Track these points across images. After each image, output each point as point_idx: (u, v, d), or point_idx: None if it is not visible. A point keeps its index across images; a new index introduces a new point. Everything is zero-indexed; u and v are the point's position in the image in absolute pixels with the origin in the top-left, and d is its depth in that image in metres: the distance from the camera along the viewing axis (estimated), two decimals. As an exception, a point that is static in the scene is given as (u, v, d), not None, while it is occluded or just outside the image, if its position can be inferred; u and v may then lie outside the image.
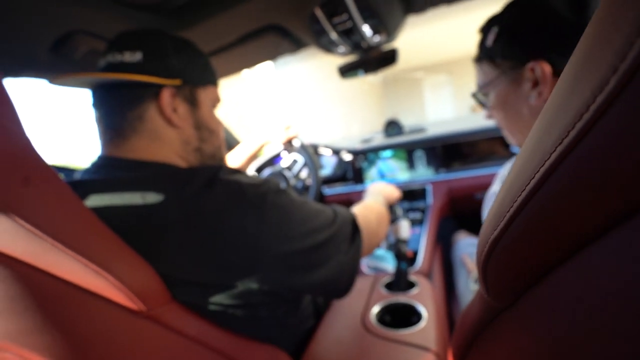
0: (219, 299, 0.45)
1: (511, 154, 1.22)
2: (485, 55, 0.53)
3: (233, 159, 1.03)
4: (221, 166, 0.48)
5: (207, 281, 0.43)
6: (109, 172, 0.46)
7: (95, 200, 0.42)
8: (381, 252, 0.99)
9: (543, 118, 0.17)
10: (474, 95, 0.60)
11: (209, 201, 0.42)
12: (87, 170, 0.48)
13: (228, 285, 0.44)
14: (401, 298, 0.77)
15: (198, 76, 0.54)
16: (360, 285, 0.87)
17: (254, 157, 1.07)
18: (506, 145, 1.24)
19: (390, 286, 0.84)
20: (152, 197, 0.42)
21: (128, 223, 0.41)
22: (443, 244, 1.18)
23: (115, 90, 0.48)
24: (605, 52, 0.12)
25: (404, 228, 0.86)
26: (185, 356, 0.40)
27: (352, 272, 0.53)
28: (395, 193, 0.95)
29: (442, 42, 5.50)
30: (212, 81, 0.57)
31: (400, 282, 0.81)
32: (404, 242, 0.85)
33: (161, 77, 0.49)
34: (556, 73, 0.45)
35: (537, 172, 0.16)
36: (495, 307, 0.25)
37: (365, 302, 0.77)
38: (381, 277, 0.90)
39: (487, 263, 0.21)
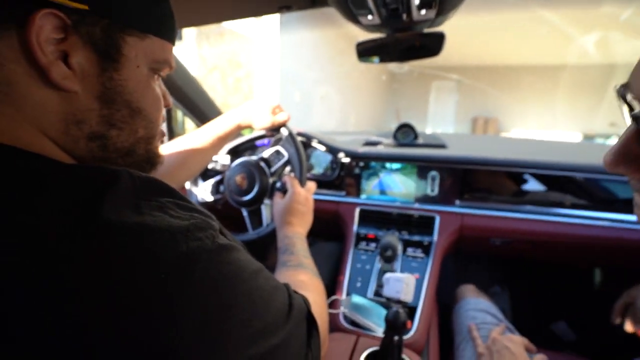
0: None
1: (522, 193, 0.99)
2: None
3: (195, 139, 0.78)
4: (146, 177, 0.29)
5: None
6: None
7: None
8: (364, 301, 0.75)
9: None
10: None
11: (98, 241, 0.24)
12: None
13: None
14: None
15: (133, 12, 0.31)
16: (335, 349, 0.63)
17: (224, 139, 0.82)
18: (519, 184, 1.00)
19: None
20: None
21: None
22: (439, 292, 0.95)
23: None
24: None
25: (410, 286, 0.61)
26: None
27: None
28: (310, 213, 0.73)
29: (475, 44, 5.13)
30: (160, 31, 0.35)
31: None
32: (405, 305, 0.61)
33: None
34: None
35: None
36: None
37: None
38: (362, 340, 0.65)
39: None
